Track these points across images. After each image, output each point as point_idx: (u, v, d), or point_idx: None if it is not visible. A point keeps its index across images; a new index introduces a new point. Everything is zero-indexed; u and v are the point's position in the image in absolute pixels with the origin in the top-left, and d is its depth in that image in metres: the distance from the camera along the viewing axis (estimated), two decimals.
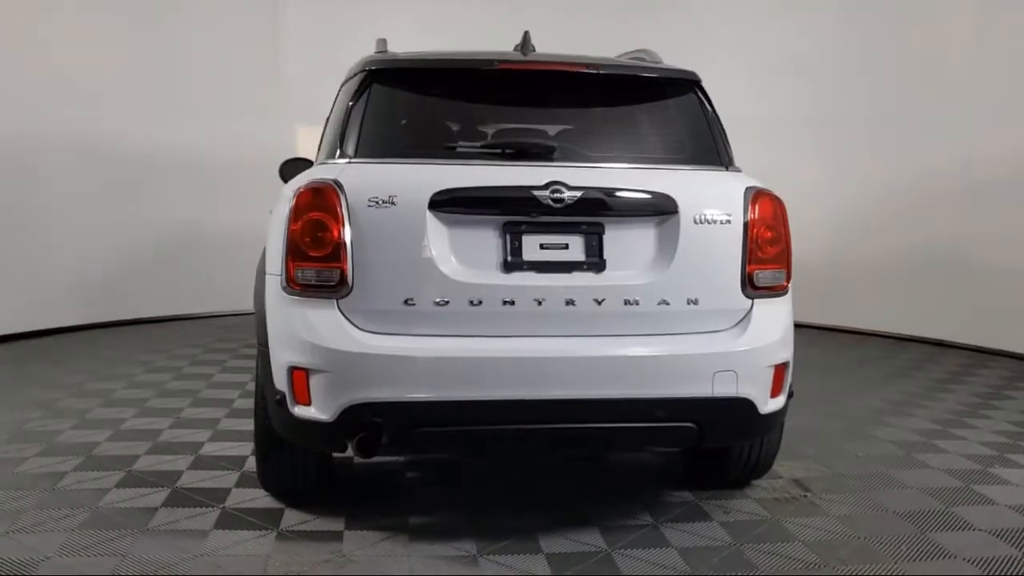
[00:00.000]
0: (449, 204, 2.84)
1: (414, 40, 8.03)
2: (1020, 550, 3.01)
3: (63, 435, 4.14)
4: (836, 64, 7.32)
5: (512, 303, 2.84)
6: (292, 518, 3.18)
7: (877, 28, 7.22)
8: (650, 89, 3.19)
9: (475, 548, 2.97)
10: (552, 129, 3.10)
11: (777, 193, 3.08)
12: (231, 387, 5.18)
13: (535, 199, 2.85)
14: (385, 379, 2.77)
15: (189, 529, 3.07)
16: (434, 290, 2.82)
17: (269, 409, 3.04)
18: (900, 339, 7.10)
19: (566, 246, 2.91)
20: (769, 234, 3.01)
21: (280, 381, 2.91)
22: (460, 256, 2.85)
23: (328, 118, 4.35)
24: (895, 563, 2.90)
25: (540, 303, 2.85)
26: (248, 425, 4.27)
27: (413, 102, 3.12)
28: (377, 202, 2.83)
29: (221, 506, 3.28)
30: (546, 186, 2.86)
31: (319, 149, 3.67)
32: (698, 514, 3.32)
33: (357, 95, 3.07)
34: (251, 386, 5.14)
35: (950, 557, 2.95)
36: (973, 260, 6.60)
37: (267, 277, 3.09)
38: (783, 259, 3.05)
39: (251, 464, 3.74)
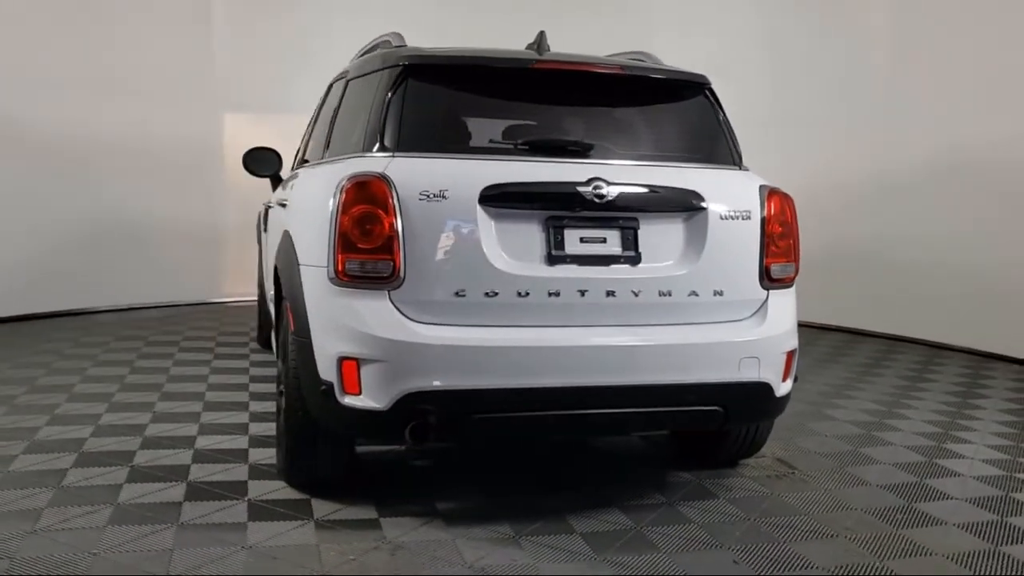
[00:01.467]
0: (498, 199, 2.93)
1: (347, 27, 8.04)
2: (999, 514, 3.36)
3: (41, 431, 3.99)
4: (754, 69, 7.70)
5: (557, 294, 2.96)
6: (323, 508, 3.20)
7: (795, 34, 7.65)
8: (670, 91, 3.36)
9: (511, 530, 3.08)
10: (584, 127, 3.23)
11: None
12: (192, 380, 5.06)
13: (579, 194, 2.98)
14: (440, 368, 2.84)
15: (224, 522, 3.05)
16: (484, 282, 2.91)
17: (309, 399, 3.06)
18: (818, 328, 7.59)
19: (604, 240, 3.05)
20: (782, 229, 3.24)
21: (327, 371, 2.93)
22: (508, 249, 2.95)
23: (320, 110, 4.35)
24: (897, 529, 3.18)
25: (583, 294, 2.98)
26: (234, 419, 4.28)
27: (451, 97, 3.18)
28: (428, 196, 2.89)
29: (246, 499, 3.26)
30: (588, 182, 2.99)
31: (328, 141, 3.68)
32: (704, 492, 3.53)
33: (393, 89, 3.11)
34: (214, 379, 5.09)
35: (941, 524, 3.27)
36: (884, 256, 7.12)
37: (303, 269, 3.11)
38: (793, 253, 3.29)
39: (257, 456, 3.73)
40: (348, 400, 2.90)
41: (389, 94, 3.12)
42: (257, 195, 8.04)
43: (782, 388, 3.24)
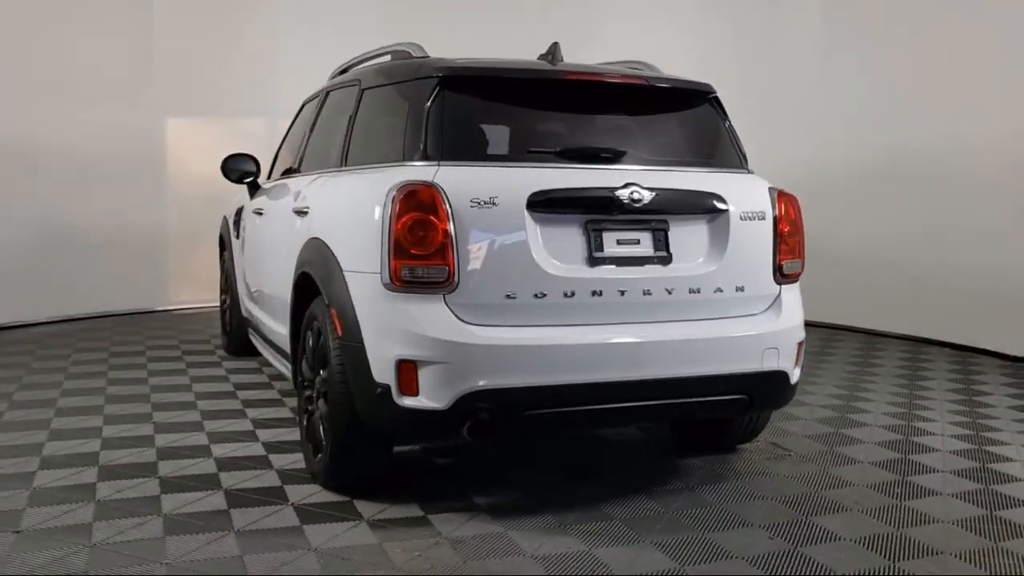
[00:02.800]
0: (543, 204, 3.08)
1: (290, 31, 7.99)
2: (983, 483, 3.70)
3: (47, 447, 3.91)
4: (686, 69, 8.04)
5: (600, 294, 3.13)
6: (368, 509, 3.28)
7: (731, 33, 8.03)
8: (683, 99, 3.57)
9: (555, 520, 3.22)
10: (612, 134, 3.40)
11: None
12: (176, 390, 5.00)
13: (616, 199, 3.15)
14: (496, 368, 2.97)
15: (278, 527, 3.09)
16: (533, 284, 3.05)
17: (360, 402, 3.13)
18: None
19: (638, 241, 3.23)
20: (791, 228, 3.49)
21: (384, 374, 3.02)
22: (553, 252, 3.10)
23: (316, 118, 4.38)
24: (900, 502, 3.48)
25: (623, 294, 3.16)
26: (237, 426, 4.30)
27: (487, 107, 3.29)
28: (479, 203, 3.01)
29: (289, 503, 3.31)
30: (624, 186, 3.17)
31: (347, 150, 3.72)
32: (717, 476, 3.76)
33: (431, 99, 3.20)
34: (198, 388, 5.05)
35: (937, 494, 3.58)
36: (830, 251, 7.55)
37: (349, 275, 3.18)
38: (800, 250, 3.55)
39: (281, 462, 3.76)
40: (406, 401, 2.99)
41: (428, 104, 3.21)
42: (202, 201, 7.95)
43: (795, 376, 3.50)
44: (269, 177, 5.30)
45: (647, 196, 3.19)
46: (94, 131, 7.35)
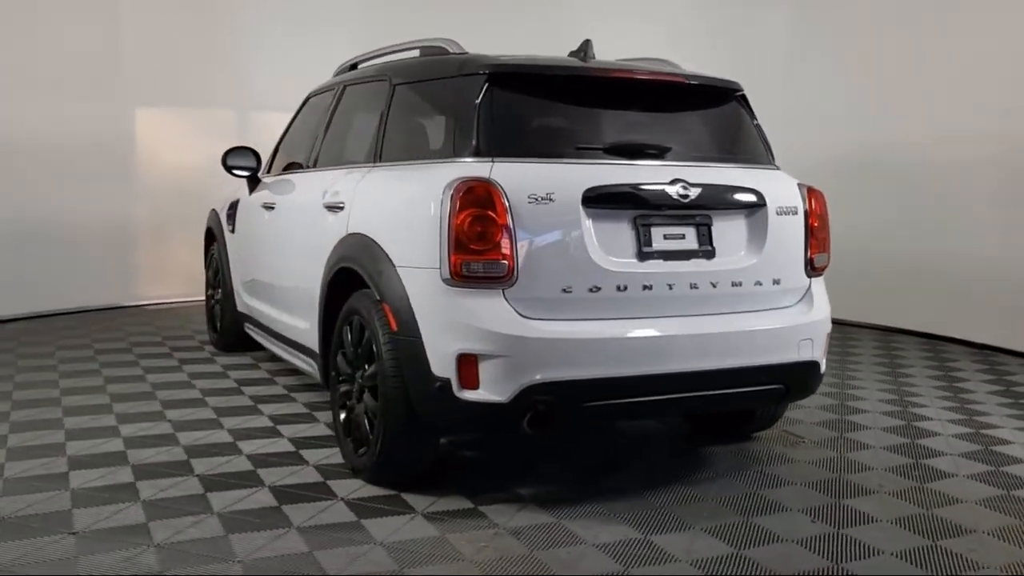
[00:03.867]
0: (597, 200, 3.14)
1: (258, 21, 7.86)
2: (992, 465, 3.90)
3: (70, 447, 3.82)
4: None
5: (650, 288, 3.21)
6: (419, 502, 3.30)
7: (705, 33, 8.21)
8: (716, 97, 3.66)
9: (603, 508, 3.29)
10: (656, 131, 3.47)
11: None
12: (179, 387, 4.92)
13: (666, 194, 3.23)
14: (557, 361, 3.03)
15: (336, 522, 3.10)
16: (589, 278, 3.11)
17: (417, 396, 3.16)
18: None
19: (683, 236, 3.32)
20: (819, 223, 3.62)
21: (443, 368, 3.05)
22: (605, 247, 3.16)
23: (332, 114, 4.35)
24: (922, 484, 3.65)
25: (671, 287, 3.24)
26: (255, 422, 4.28)
27: (535, 104, 3.33)
28: (536, 199, 3.06)
29: (339, 499, 3.31)
30: (672, 182, 3.25)
31: (380, 146, 3.71)
32: (742, 464, 3.88)
33: (480, 96, 3.23)
34: (201, 384, 4.98)
35: (953, 476, 3.77)
36: None
37: (403, 270, 3.20)
38: (827, 244, 3.68)
39: (314, 457, 3.76)
40: (467, 395, 3.02)
41: (478, 101, 3.23)
42: (172, 193, 7.80)
43: (823, 365, 3.63)
44: (269, 171, 5.24)
45: (693, 192, 3.27)
46: (61, 123, 7.14)
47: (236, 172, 5.14)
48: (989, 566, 2.90)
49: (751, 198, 3.43)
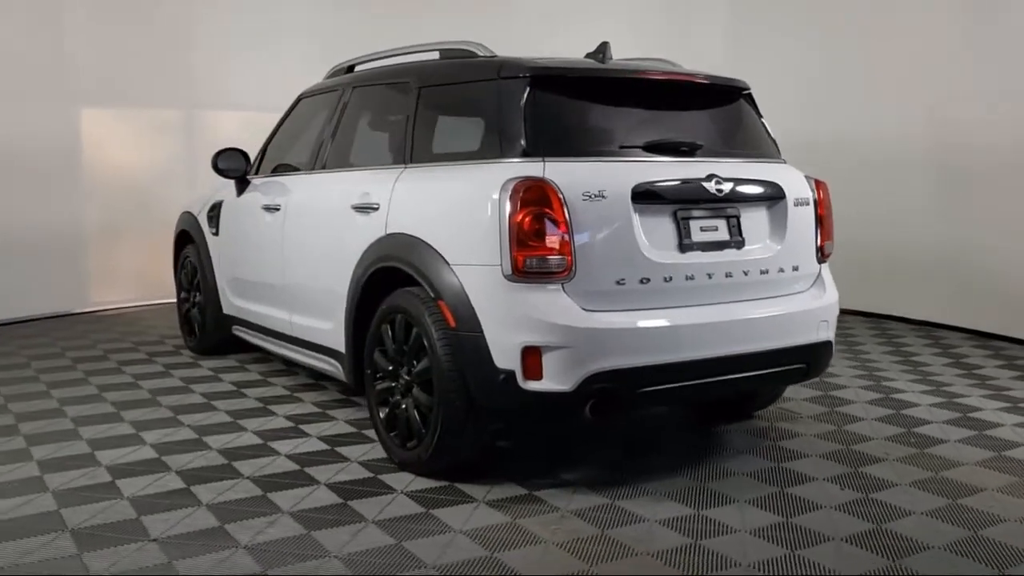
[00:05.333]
0: (644, 196, 3.32)
1: (210, 17, 7.73)
2: (974, 430, 4.27)
3: (102, 456, 3.78)
4: None
5: (692, 278, 3.41)
6: (476, 491, 3.42)
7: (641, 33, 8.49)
8: (729, 95, 3.88)
9: (655, 488, 3.47)
10: (686, 129, 3.66)
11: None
12: (177, 392, 4.87)
13: (703, 189, 3.44)
14: (617, 349, 3.21)
15: (408, 514, 3.20)
16: (639, 270, 3.30)
17: (480, 388, 3.29)
18: None
19: (716, 228, 3.53)
20: (826, 213, 3.90)
21: (507, 361, 3.18)
22: (651, 240, 3.35)
23: (340, 116, 4.38)
24: (922, 450, 3.98)
25: (710, 277, 3.46)
26: (274, 423, 4.31)
27: (575, 105, 3.47)
28: (590, 196, 3.22)
29: (400, 491, 3.41)
30: (708, 178, 3.46)
31: (411, 147, 3.78)
32: (756, 441, 4.13)
33: (524, 97, 3.36)
34: (199, 388, 4.94)
35: (946, 442, 4.11)
36: None
37: (460, 268, 3.31)
38: (832, 233, 3.96)
39: (354, 454, 3.83)
40: (531, 385, 3.16)
41: (522, 103, 3.37)
42: (121, 195, 7.59)
43: (834, 346, 3.91)
44: (256, 173, 5.22)
45: (727, 186, 3.49)
46: (6, 126, 6.88)
47: (227, 174, 5.11)
48: (1009, 518, 3.22)
49: (773, 191, 3.68)
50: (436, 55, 4.02)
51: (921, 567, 2.84)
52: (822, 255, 3.87)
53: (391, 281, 3.67)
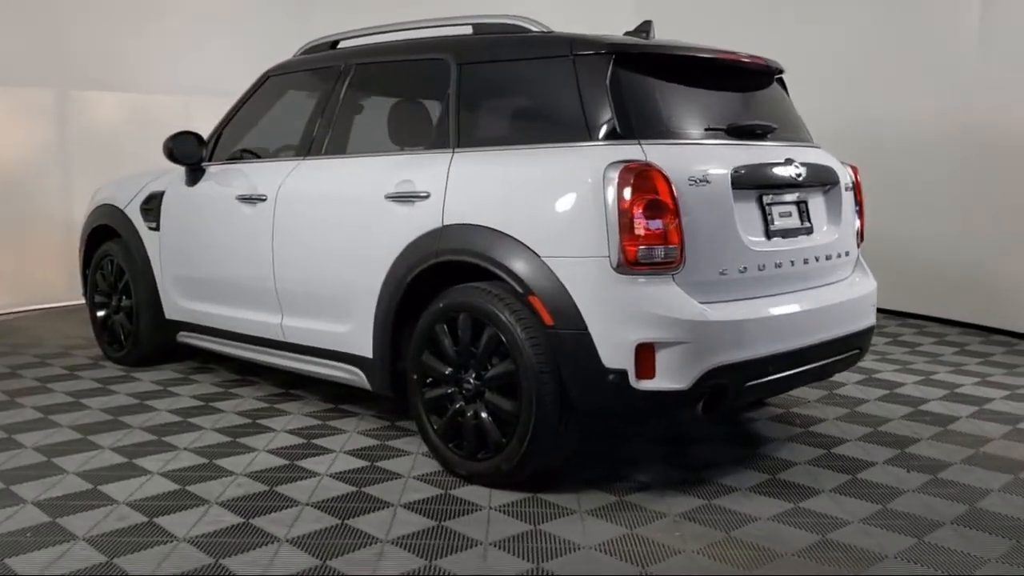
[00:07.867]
0: (740, 181, 3.19)
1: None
2: (975, 405, 4.45)
3: (144, 463, 3.34)
4: None
5: (780, 265, 3.32)
6: (566, 501, 3.18)
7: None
8: (776, 79, 3.81)
9: (712, 490, 3.32)
10: (756, 112, 3.54)
11: None
12: (134, 412, 4.25)
13: (784, 174, 3.35)
14: (732, 343, 3.07)
15: (518, 532, 2.93)
16: (739, 259, 3.17)
17: (584, 390, 3.06)
18: None
19: (790, 214, 3.46)
20: (861, 196, 3.92)
21: (619, 360, 2.96)
22: (745, 228, 3.23)
23: (340, 96, 3.96)
24: (933, 427, 4.09)
25: (793, 264, 3.38)
26: (285, 442, 3.92)
27: (656, 86, 3.25)
28: (695, 181, 3.05)
29: (486, 507, 3.11)
30: (786, 163, 3.37)
31: (457, 128, 3.45)
32: (787, 430, 4.09)
33: (607, 76, 3.14)
34: (163, 404, 4.38)
35: (957, 418, 4.26)
36: None
37: (555, 261, 3.05)
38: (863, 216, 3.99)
39: (404, 468, 3.50)
40: (644, 384, 2.96)
41: (606, 81, 3.13)
42: (9, 188, 6.58)
43: None
44: (211, 159, 4.65)
45: (803, 171, 3.42)
46: None
47: (182, 161, 4.52)
48: None
49: (830, 176, 3.65)
50: (468, 29, 3.69)
51: None
52: (860, 239, 3.90)
53: (444, 277, 3.35)
